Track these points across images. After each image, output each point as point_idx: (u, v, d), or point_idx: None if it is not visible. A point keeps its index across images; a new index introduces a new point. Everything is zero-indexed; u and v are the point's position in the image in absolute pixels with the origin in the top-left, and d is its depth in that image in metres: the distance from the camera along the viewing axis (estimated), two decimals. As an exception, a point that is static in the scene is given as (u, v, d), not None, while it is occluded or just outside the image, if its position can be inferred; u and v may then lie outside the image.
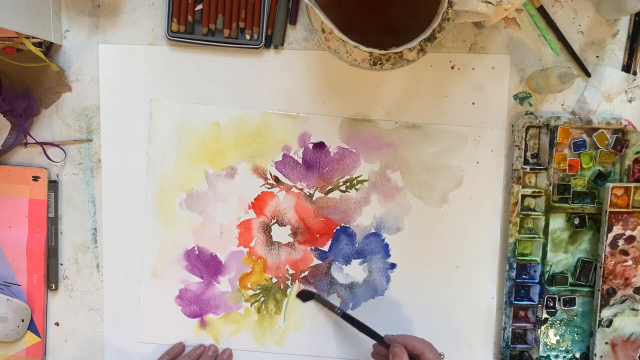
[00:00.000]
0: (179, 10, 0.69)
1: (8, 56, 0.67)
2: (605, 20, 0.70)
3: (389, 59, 0.60)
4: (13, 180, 0.71)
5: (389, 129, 0.71)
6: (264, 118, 0.71)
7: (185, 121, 0.71)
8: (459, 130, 0.71)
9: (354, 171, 0.72)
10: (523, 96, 0.71)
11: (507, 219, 0.71)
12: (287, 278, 0.73)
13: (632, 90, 0.71)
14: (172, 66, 0.71)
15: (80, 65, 0.71)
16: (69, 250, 0.73)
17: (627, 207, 0.69)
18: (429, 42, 0.60)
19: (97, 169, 0.72)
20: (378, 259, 0.73)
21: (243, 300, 0.73)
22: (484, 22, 0.68)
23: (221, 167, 0.72)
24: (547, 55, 0.71)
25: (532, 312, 0.72)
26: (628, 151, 0.70)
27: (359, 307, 0.73)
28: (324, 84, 0.71)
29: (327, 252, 0.73)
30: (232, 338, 0.73)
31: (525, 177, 0.71)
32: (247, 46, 0.69)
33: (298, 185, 0.72)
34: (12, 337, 0.71)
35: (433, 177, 0.72)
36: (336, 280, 0.73)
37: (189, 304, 0.73)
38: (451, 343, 0.73)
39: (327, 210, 0.72)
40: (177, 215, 0.72)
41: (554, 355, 0.73)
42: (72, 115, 0.71)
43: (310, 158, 0.72)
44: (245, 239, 0.73)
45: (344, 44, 0.59)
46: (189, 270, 0.73)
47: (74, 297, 0.73)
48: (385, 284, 0.73)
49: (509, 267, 0.71)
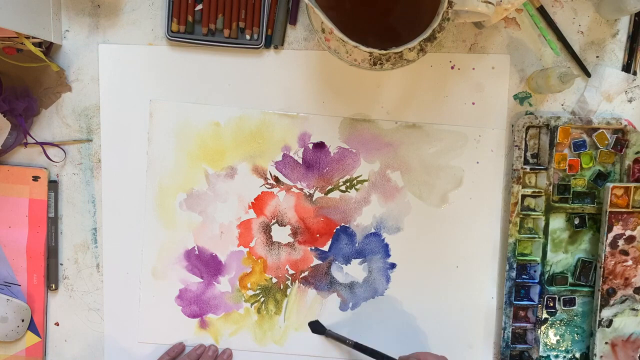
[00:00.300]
0: (179, 11, 0.68)
1: (8, 56, 0.67)
2: (605, 20, 0.70)
3: (389, 59, 0.60)
4: (13, 180, 0.71)
5: (389, 129, 0.71)
6: (263, 118, 0.71)
7: (185, 121, 0.71)
8: (459, 130, 0.71)
9: (354, 171, 0.72)
10: (523, 96, 0.71)
11: (507, 219, 0.71)
12: (287, 278, 0.73)
13: (632, 90, 0.71)
14: (172, 66, 0.71)
15: (80, 65, 0.71)
16: (69, 250, 0.73)
17: (627, 207, 0.69)
18: (429, 42, 0.60)
19: (97, 169, 0.72)
20: (378, 258, 0.73)
21: (243, 301, 0.73)
22: (484, 22, 0.68)
23: (221, 167, 0.72)
24: (547, 55, 0.71)
25: (532, 312, 0.72)
26: (628, 151, 0.70)
27: (358, 307, 0.73)
28: (324, 84, 0.71)
29: (327, 252, 0.73)
30: (232, 338, 0.73)
31: (525, 177, 0.71)
32: (247, 46, 0.69)
33: (298, 185, 0.72)
34: (12, 337, 0.71)
35: (433, 177, 0.72)
36: (336, 280, 0.73)
37: (189, 304, 0.73)
38: (451, 343, 0.73)
39: (327, 210, 0.72)
40: (177, 215, 0.72)
41: (554, 355, 0.73)
42: (72, 115, 0.71)
43: (310, 158, 0.72)
44: (245, 239, 0.73)
45: (344, 44, 0.59)
46: (189, 270, 0.73)
47: (74, 297, 0.73)
48: (385, 283, 0.73)
49: (509, 267, 0.71)
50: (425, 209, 0.72)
